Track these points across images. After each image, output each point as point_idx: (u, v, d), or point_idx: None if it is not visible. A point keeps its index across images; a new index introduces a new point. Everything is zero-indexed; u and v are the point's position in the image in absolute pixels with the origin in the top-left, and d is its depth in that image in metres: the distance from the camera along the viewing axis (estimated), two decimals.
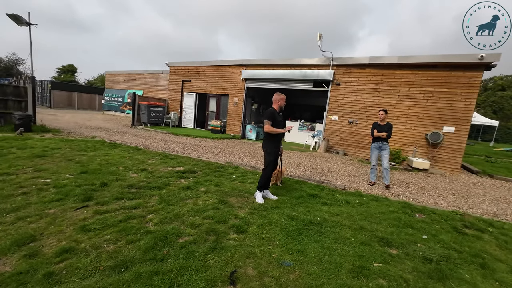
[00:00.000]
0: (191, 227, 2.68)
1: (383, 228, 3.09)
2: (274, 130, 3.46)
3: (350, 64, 9.25)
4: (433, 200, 4.69)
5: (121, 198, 3.34)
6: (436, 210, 3.91)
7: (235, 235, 2.62)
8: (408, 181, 6.07)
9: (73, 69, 42.80)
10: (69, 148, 6.25)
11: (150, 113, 12.59)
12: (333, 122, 9.80)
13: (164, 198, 3.46)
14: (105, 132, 9.77)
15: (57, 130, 9.02)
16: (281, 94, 3.66)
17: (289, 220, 3.04)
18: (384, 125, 5.13)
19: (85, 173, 4.32)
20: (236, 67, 11.89)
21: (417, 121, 8.30)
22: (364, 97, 9.12)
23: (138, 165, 5.23)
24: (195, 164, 5.66)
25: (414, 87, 8.29)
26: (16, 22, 7.90)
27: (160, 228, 2.59)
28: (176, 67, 13.95)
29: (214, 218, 2.96)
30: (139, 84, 19.16)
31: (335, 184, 4.88)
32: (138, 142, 8.07)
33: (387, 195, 4.65)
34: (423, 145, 8.25)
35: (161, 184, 4.08)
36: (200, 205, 3.35)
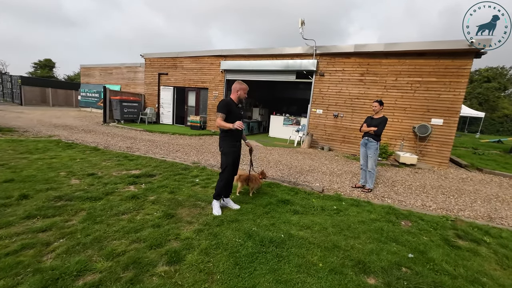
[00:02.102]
0: (107, 258, 2.00)
1: (361, 244, 2.51)
2: (224, 125, 2.78)
3: (335, 53, 8.63)
4: (421, 201, 4.18)
5: (35, 216, 2.61)
6: (425, 216, 3.38)
7: (165, 267, 1.97)
8: (394, 179, 5.57)
9: (51, 64, 40.42)
10: (12, 150, 5.40)
11: (123, 108, 11.64)
12: (318, 115, 9.22)
13: (93, 213, 2.76)
14: (68, 131, 8.84)
15: (10, 129, 8.03)
16: (243, 84, 2.98)
17: (244, 240, 2.42)
18: (377, 118, 4.34)
19: (10, 181, 3.54)
20: (215, 58, 11.08)
21: (404, 113, 7.82)
22: (350, 89, 8.56)
23: (87, 168, 4.48)
24: (157, 166, 4.95)
25: (401, 76, 7.78)
26: None
27: (59, 263, 1.91)
28: (152, 58, 12.97)
29: (147, 240, 2.29)
30: (116, 78, 17.98)
31: (312, 186, 4.30)
32: (101, 141, 7.25)
33: (369, 198, 4.10)
34: (411, 139, 7.80)
35: (102, 193, 3.37)
36: (137, 221, 2.67)
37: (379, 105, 4.30)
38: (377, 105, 4.30)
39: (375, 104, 4.32)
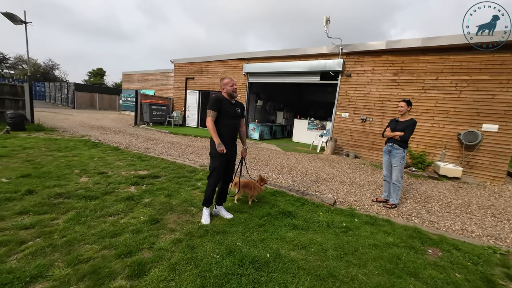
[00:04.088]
0: (68, 264, 1.87)
1: (366, 276, 2.01)
2: (212, 133, 2.54)
3: (363, 51, 7.88)
4: (460, 224, 3.39)
5: (28, 212, 2.66)
6: (462, 244, 2.67)
7: (123, 281, 1.75)
8: (429, 194, 4.71)
9: (101, 72, 45.53)
10: (45, 148, 5.91)
11: (152, 111, 12.28)
12: (343, 119, 8.49)
13: (82, 213, 2.72)
14: (101, 131, 9.55)
15: (52, 129, 8.96)
16: (226, 78, 2.72)
17: (223, 256, 2.11)
18: (403, 121, 3.68)
19: (26, 176, 3.78)
20: (238, 61, 11.06)
21: (447, 117, 6.72)
22: (380, 90, 7.71)
23: (100, 167, 4.63)
24: (165, 167, 4.93)
25: (443, 75, 6.73)
26: (12, 21, 7.90)
27: (20, 265, 1.83)
28: (180, 64, 13.53)
29: (119, 248, 2.13)
30: (151, 84, 19.26)
31: (323, 197, 3.78)
32: (124, 142, 7.61)
33: (391, 216, 3.45)
34: (455, 147, 6.65)
35: (101, 192, 3.37)
36: (119, 225, 2.55)
37: (406, 105, 3.64)
38: (404, 105, 3.64)
39: (402, 104, 3.66)
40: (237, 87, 2.88)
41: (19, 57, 36.12)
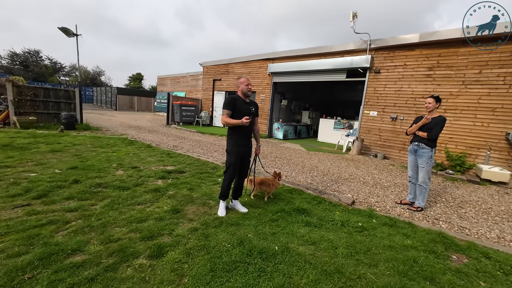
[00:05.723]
0: (101, 242, 2.17)
1: (375, 275, 1.97)
2: (229, 122, 2.68)
3: (394, 45, 7.43)
4: (498, 232, 3.06)
5: (73, 198, 3.11)
6: (495, 253, 2.43)
7: (143, 260, 1.99)
8: (465, 199, 4.31)
9: (140, 76, 49.36)
10: (90, 144, 6.70)
11: (182, 112, 13.05)
12: (371, 118, 8.10)
13: (115, 201, 3.09)
14: (137, 130, 10.45)
15: (97, 128, 10.07)
16: (242, 77, 2.84)
17: (234, 246, 2.24)
18: (431, 119, 3.42)
19: (74, 168, 4.37)
20: (262, 62, 11.19)
21: (493, 115, 6.02)
22: (413, 86, 7.19)
23: (134, 162, 5.13)
24: (190, 164, 5.26)
25: (487, 68, 6.04)
26: (66, 34, 9.09)
27: (65, 239, 2.17)
28: (208, 66, 14.13)
29: (144, 231, 2.39)
30: (183, 86, 20.40)
31: (340, 197, 3.71)
32: (156, 140, 8.25)
33: (415, 219, 3.26)
34: (502, 149, 5.93)
35: (133, 184, 3.77)
36: (146, 212, 2.84)
37: (435, 102, 3.39)
38: (432, 102, 3.40)
39: (430, 100, 3.42)
40: (252, 87, 2.99)
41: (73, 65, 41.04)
